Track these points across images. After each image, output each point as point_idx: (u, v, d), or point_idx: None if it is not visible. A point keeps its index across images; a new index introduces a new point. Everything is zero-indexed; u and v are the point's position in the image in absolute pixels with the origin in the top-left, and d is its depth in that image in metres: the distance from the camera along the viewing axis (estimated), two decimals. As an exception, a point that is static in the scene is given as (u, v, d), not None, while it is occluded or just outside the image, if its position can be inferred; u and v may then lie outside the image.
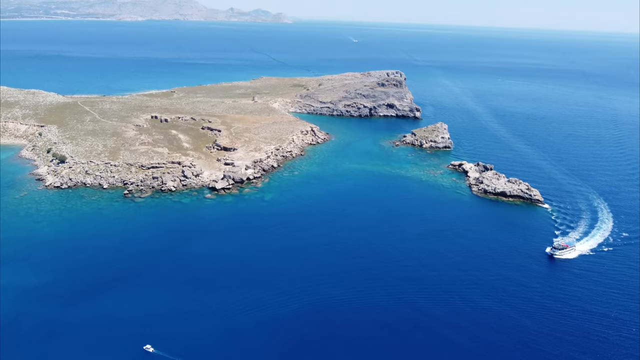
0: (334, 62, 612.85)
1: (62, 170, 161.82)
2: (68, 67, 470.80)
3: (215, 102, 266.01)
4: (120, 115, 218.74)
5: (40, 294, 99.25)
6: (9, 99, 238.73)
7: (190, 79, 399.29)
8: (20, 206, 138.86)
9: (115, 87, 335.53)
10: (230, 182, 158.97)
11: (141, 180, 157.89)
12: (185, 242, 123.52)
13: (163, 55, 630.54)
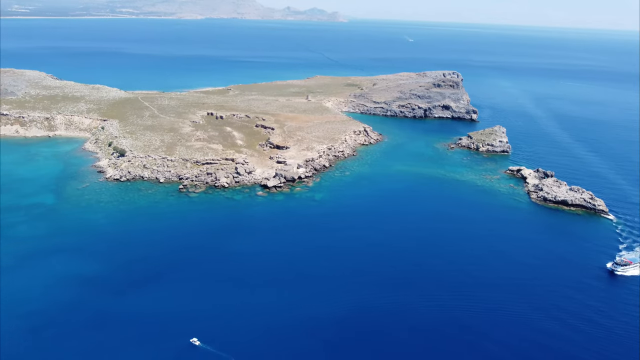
0: (388, 61, 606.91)
1: (122, 163, 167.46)
2: (130, 63, 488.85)
3: (269, 100, 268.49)
4: (177, 111, 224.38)
5: (94, 283, 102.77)
6: (75, 94, 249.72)
7: (246, 77, 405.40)
8: (82, 197, 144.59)
9: (173, 84, 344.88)
10: (282, 181, 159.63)
11: (195, 175, 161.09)
12: (235, 239, 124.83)
13: (220, 53, 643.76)
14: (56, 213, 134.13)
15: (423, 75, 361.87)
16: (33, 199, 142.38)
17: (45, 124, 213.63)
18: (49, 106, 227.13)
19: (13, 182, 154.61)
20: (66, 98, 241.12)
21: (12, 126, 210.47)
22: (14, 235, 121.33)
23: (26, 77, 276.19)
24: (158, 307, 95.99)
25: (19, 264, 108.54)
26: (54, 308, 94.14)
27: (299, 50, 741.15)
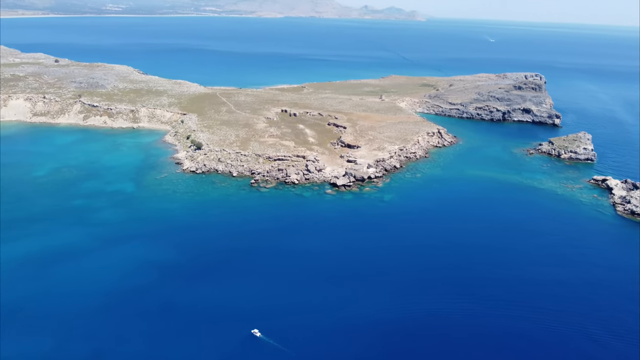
0: (466, 62, 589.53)
1: (198, 156, 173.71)
2: (211, 60, 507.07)
3: (343, 99, 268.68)
4: (252, 108, 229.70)
5: (166, 270, 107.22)
6: (158, 88, 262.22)
7: (321, 75, 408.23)
8: (159, 187, 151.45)
9: (250, 80, 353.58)
10: (351, 180, 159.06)
11: (267, 171, 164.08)
12: (302, 235, 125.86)
13: (297, 51, 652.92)
14: (135, 201, 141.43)
15: (503, 77, 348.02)
16: (115, 186, 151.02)
17: (130, 116, 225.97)
18: (135, 99, 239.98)
19: (99, 169, 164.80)
20: (150, 92, 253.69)
21: (101, 117, 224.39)
22: (98, 219, 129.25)
23: (115, 72, 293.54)
24: (223, 297, 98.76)
25: (100, 246, 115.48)
26: (128, 290, 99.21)
27: (374, 49, 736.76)
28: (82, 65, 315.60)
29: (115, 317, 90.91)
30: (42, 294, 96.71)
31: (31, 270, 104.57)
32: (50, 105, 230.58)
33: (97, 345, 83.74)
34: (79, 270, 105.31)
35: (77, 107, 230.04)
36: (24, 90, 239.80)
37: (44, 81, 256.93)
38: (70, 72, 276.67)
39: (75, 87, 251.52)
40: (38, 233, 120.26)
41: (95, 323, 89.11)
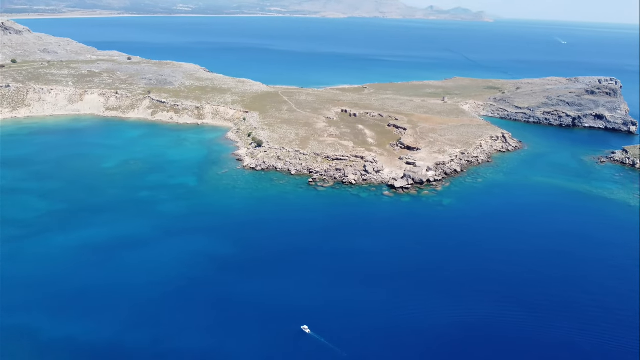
0: (535, 64, 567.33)
1: (258, 153, 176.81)
2: (275, 59, 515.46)
3: (404, 100, 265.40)
4: (313, 107, 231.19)
5: (222, 263, 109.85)
6: (223, 86, 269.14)
7: (382, 75, 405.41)
8: (221, 182, 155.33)
9: (312, 80, 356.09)
10: (410, 182, 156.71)
11: (325, 170, 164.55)
12: (357, 235, 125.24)
13: (359, 51, 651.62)
14: (197, 195, 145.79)
15: (574, 81, 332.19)
16: (178, 179, 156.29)
17: (195, 112, 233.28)
18: (200, 96, 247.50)
19: (163, 163, 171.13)
20: (215, 90, 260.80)
21: (168, 113, 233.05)
22: (161, 211, 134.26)
23: (183, 69, 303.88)
24: (276, 292, 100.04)
25: (162, 237, 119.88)
26: (187, 281, 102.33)
27: (438, 50, 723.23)
28: (152, 62, 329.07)
29: (174, 307, 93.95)
30: (106, 280, 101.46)
31: (97, 257, 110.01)
32: (121, 101, 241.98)
33: (157, 332, 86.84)
34: (141, 259, 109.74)
35: (146, 102, 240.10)
36: (99, 85, 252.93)
37: (117, 77, 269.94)
38: (141, 70, 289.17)
39: (145, 84, 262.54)
40: (106, 222, 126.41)
41: (155, 311, 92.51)
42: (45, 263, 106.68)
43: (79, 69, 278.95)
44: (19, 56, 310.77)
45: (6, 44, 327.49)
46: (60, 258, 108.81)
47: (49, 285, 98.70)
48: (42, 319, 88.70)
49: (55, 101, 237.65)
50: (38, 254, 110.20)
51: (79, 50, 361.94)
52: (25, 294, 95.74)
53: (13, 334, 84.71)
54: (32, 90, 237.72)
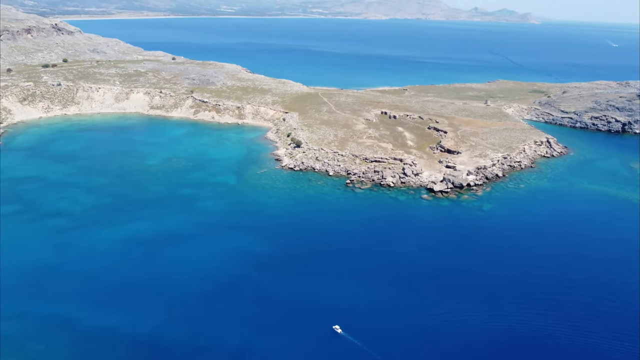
0: (583, 67, 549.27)
1: (297, 154, 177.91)
2: (316, 60, 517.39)
3: (445, 103, 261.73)
4: (353, 109, 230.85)
5: (259, 261, 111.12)
6: (263, 87, 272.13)
7: (423, 77, 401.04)
8: (259, 181, 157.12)
9: (351, 81, 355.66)
10: (449, 186, 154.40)
11: (363, 172, 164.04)
12: (394, 238, 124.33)
13: (400, 53, 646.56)
14: (236, 193, 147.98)
15: (625, 85, 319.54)
16: (219, 178, 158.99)
17: (236, 112, 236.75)
18: (241, 96, 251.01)
19: (205, 161, 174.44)
20: (256, 90, 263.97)
21: (210, 112, 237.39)
22: (202, 208, 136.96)
23: (225, 70, 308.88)
24: (310, 291, 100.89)
25: (203, 234, 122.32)
26: (225, 277, 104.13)
27: (481, 53, 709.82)
28: (195, 63, 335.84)
29: (212, 303, 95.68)
30: (148, 274, 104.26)
31: (140, 251, 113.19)
32: (165, 100, 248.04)
33: (195, 327, 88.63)
34: (182, 255, 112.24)
35: (189, 102, 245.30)
36: (144, 85, 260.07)
37: (161, 77, 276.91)
38: (185, 69, 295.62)
39: (189, 84, 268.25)
40: (149, 217, 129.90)
41: (194, 306, 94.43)
42: (90, 255, 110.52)
43: (126, 68, 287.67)
44: (70, 56, 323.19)
45: (59, 44, 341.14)
46: (104, 251, 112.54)
47: (92, 277, 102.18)
48: (84, 310, 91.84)
49: (103, 99, 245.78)
50: (84, 246, 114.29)
51: (126, 50, 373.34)
52: (69, 285, 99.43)
53: (55, 323, 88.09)
54: (82, 89, 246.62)
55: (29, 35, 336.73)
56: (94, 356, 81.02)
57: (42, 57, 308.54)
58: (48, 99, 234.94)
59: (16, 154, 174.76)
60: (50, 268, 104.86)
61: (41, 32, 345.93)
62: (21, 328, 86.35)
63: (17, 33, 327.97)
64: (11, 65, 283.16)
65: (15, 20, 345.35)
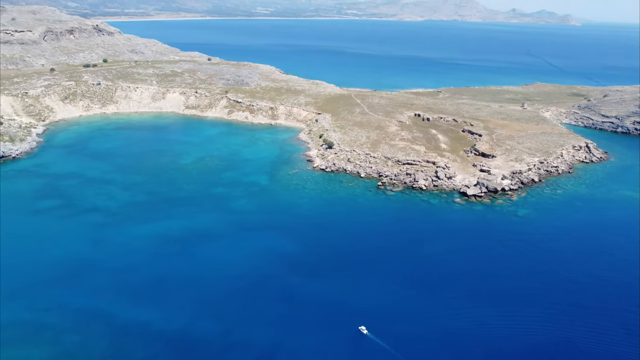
0: (626, 70, 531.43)
1: (329, 155, 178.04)
2: (349, 61, 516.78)
3: (480, 106, 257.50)
4: (386, 110, 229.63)
5: (289, 261, 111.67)
6: (297, 87, 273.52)
7: (458, 80, 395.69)
8: (291, 181, 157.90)
9: (385, 83, 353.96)
10: (483, 190, 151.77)
11: (395, 174, 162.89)
12: (425, 242, 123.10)
13: (434, 54, 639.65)
14: (268, 193, 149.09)
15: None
16: (251, 177, 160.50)
17: (269, 113, 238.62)
18: (274, 97, 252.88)
19: (238, 161, 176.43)
20: (289, 91, 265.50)
21: (244, 113, 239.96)
22: (234, 207, 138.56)
23: (259, 71, 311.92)
24: (338, 291, 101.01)
25: (234, 233, 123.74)
26: (254, 276, 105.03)
27: (518, 55, 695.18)
28: (230, 63, 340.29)
29: (242, 301, 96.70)
30: (180, 271, 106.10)
31: (173, 248, 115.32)
32: (200, 100, 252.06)
33: (225, 325, 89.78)
34: (214, 253, 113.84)
35: (224, 102, 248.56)
36: (180, 85, 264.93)
37: (197, 77, 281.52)
38: (220, 70, 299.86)
39: (223, 84, 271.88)
40: (182, 215, 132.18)
41: (224, 304, 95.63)
42: (124, 251, 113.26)
43: (163, 68, 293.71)
44: (109, 56, 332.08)
45: (99, 44, 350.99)
46: (138, 247, 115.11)
47: (126, 272, 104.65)
48: (118, 304, 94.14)
49: (140, 99, 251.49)
50: (119, 242, 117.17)
51: (163, 50, 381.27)
52: (105, 279, 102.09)
53: (90, 316, 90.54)
54: (120, 88, 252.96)
55: (71, 36, 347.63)
56: (127, 349, 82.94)
57: (84, 57, 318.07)
58: (88, 97, 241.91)
59: (57, 150, 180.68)
60: (87, 262, 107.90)
61: (83, 33, 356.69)
62: (60, 319, 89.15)
63: (60, 34, 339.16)
64: (54, 64, 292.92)
65: (59, 22, 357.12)
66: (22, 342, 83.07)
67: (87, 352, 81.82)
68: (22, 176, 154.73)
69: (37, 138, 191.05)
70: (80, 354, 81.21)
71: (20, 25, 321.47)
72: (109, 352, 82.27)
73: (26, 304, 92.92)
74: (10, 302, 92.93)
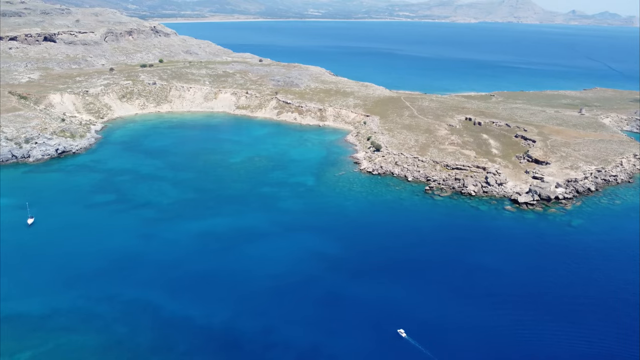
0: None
1: (376, 157, 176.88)
2: (400, 64, 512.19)
3: (535, 111, 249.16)
4: (435, 114, 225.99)
5: (333, 263, 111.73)
6: (346, 89, 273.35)
7: (513, 83, 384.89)
8: (337, 183, 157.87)
9: (435, 86, 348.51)
10: (535, 198, 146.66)
11: (443, 179, 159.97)
12: (472, 249, 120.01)
13: (488, 57, 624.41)
14: (314, 194, 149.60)
15: None
16: (298, 178, 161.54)
17: (317, 114, 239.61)
18: (323, 99, 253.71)
19: (285, 161, 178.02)
20: (338, 93, 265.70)
21: (292, 114, 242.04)
22: (280, 207, 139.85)
23: (309, 72, 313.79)
24: (378, 293, 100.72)
25: (279, 232, 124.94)
26: (297, 276, 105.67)
27: (577, 58, 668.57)
28: (281, 65, 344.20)
29: (284, 300, 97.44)
30: (225, 268, 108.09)
31: (220, 245, 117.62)
32: (251, 100, 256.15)
33: (267, 322, 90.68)
34: (258, 252, 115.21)
35: (273, 103, 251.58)
36: (232, 85, 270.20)
37: (248, 78, 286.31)
38: (270, 71, 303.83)
39: (273, 85, 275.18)
40: (230, 213, 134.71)
41: (266, 302, 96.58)
42: (172, 246, 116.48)
43: (216, 69, 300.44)
44: (165, 56, 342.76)
45: (156, 45, 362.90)
46: (186, 242, 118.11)
47: (173, 267, 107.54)
48: (165, 297, 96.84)
49: (193, 98, 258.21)
50: (167, 237, 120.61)
51: (216, 51, 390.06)
52: (152, 272, 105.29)
53: (138, 308, 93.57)
54: (174, 88, 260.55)
55: (130, 37, 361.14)
56: (171, 342, 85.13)
57: (141, 58, 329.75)
58: (144, 96, 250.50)
59: (114, 147, 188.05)
60: (137, 255, 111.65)
61: (141, 34, 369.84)
62: (110, 309, 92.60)
63: (119, 35, 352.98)
64: (113, 64, 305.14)
65: (119, 23, 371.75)
66: (74, 330, 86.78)
67: (134, 342, 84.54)
68: (80, 171, 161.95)
69: (96, 135, 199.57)
70: (128, 344, 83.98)
71: (84, 27, 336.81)
72: (154, 343, 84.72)
73: (80, 292, 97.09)
74: (67, 290, 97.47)
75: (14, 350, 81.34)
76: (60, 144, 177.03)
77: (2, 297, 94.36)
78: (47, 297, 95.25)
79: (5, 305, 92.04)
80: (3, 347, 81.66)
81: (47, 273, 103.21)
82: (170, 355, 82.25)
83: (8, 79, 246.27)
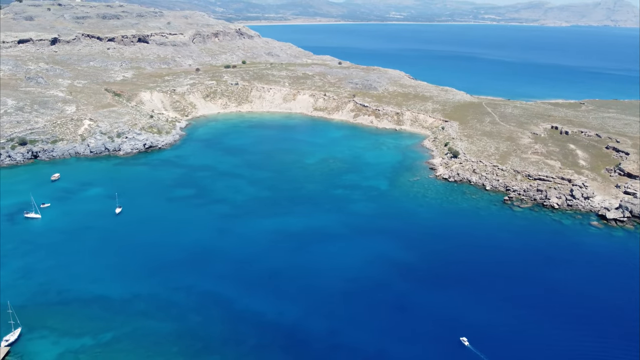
0: None
1: (453, 164, 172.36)
2: (483, 68, 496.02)
3: (630, 121, 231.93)
4: (519, 121, 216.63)
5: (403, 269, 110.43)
6: (425, 94, 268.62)
7: (604, 91, 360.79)
8: (411, 189, 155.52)
9: (520, 92, 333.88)
10: (626, 215, 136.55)
11: (524, 189, 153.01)
12: (551, 264, 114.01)
13: (578, 62, 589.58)
14: (387, 198, 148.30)
15: None
16: (371, 181, 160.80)
17: (394, 118, 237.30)
18: (401, 102, 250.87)
19: (359, 164, 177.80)
20: (417, 97, 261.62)
21: (369, 117, 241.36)
22: (352, 209, 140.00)
23: (388, 75, 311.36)
24: (445, 301, 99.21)
25: (350, 235, 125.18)
26: (365, 280, 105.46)
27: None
28: (360, 67, 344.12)
29: (352, 303, 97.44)
30: (296, 267, 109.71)
31: (291, 244, 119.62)
32: (328, 102, 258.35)
33: (333, 324, 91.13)
34: (328, 253, 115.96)
35: (350, 105, 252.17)
36: (310, 87, 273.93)
37: (326, 80, 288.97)
38: (349, 74, 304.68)
39: (351, 88, 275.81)
40: (302, 213, 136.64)
41: (334, 304, 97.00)
42: (246, 242, 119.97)
43: (295, 71, 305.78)
44: (248, 58, 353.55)
45: (240, 47, 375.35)
46: (259, 239, 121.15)
47: (246, 262, 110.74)
48: (237, 291, 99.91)
49: (272, 99, 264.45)
50: (242, 233, 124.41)
51: (297, 54, 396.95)
52: (226, 266, 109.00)
53: (211, 300, 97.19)
54: (255, 89, 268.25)
55: (216, 38, 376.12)
56: (242, 335, 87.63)
57: (225, 59, 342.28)
58: (226, 96, 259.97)
59: (196, 144, 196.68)
60: (213, 249, 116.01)
61: (226, 36, 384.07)
62: (186, 299, 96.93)
63: (206, 37, 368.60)
64: (199, 65, 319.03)
65: (207, 26, 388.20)
66: (151, 315, 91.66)
67: (206, 332, 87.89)
68: (164, 165, 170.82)
69: (180, 131, 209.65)
70: (200, 334, 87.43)
71: (174, 29, 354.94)
72: (225, 335, 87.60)
73: (159, 280, 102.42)
74: (147, 278, 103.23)
75: (98, 330, 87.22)
76: (148, 139, 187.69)
77: (95, 278, 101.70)
78: (130, 282, 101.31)
79: (97, 286, 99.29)
80: (91, 326, 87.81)
81: (131, 260, 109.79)
82: (240, 349, 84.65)
83: (105, 77, 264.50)
